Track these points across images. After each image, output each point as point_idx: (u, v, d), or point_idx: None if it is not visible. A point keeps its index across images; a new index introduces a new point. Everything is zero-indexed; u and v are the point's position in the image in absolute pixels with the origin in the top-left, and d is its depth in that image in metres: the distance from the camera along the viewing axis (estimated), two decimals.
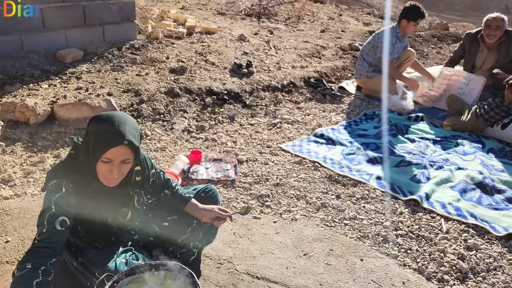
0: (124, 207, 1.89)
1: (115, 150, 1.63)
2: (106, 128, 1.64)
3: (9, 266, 2.14)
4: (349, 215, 2.78)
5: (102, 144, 1.63)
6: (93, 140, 1.66)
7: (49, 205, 1.64)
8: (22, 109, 3.41)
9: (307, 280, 2.18)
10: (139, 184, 1.93)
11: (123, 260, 1.83)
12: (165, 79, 4.47)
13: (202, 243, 2.16)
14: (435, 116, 4.59)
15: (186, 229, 2.09)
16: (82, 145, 1.74)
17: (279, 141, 3.82)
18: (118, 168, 1.69)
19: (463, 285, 2.22)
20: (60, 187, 1.67)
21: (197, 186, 2.26)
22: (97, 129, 1.66)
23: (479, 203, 2.95)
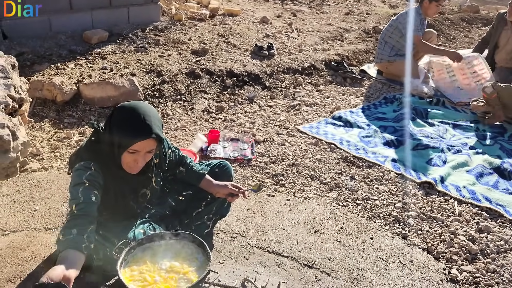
0: (143, 189, 1.98)
1: (142, 143, 1.70)
2: (133, 121, 1.69)
3: (37, 233, 2.29)
4: (362, 196, 2.82)
5: (129, 137, 1.69)
6: (120, 132, 1.71)
7: (81, 181, 1.72)
8: (50, 87, 3.57)
9: (316, 256, 2.25)
10: (157, 166, 2.02)
11: (141, 231, 1.94)
12: (187, 61, 4.55)
13: (216, 217, 2.26)
14: (457, 99, 4.51)
15: (200, 203, 2.19)
16: (105, 134, 1.78)
17: (297, 123, 3.87)
18: (143, 158, 1.77)
19: (471, 265, 2.25)
20: (89, 167, 1.75)
21: (211, 161, 2.34)
22: (124, 122, 1.71)
23: (495, 188, 2.94)
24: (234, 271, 2.10)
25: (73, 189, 1.73)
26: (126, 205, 1.96)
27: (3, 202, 2.52)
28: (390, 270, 2.18)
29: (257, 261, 2.20)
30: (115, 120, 1.74)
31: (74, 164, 1.80)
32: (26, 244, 2.20)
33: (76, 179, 1.75)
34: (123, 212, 1.98)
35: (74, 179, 1.76)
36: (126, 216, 2.00)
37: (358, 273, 2.14)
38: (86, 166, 1.76)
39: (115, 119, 1.75)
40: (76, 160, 1.82)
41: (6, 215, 2.42)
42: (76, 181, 1.74)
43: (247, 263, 2.18)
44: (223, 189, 2.14)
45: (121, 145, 1.72)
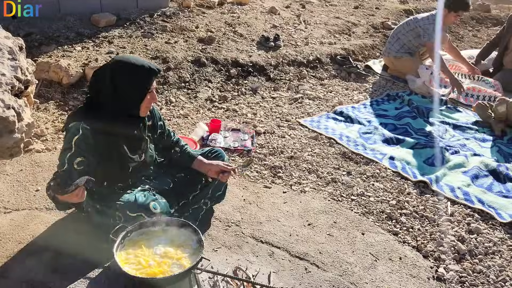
0: (138, 149, 2.10)
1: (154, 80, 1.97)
2: (141, 67, 1.91)
3: (38, 212, 2.36)
4: (357, 192, 2.87)
5: (146, 79, 1.92)
6: (134, 80, 1.90)
7: (69, 145, 1.85)
8: (56, 70, 3.62)
9: (308, 248, 2.31)
10: (149, 129, 2.16)
11: (141, 194, 2.02)
12: (193, 48, 4.58)
13: (211, 202, 2.36)
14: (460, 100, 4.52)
15: (196, 186, 2.30)
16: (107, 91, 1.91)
17: (299, 116, 3.91)
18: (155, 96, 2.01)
19: (459, 265, 2.30)
20: (78, 129, 1.87)
21: (204, 148, 2.43)
22: (134, 70, 1.90)
23: (489, 190, 2.98)
24: (227, 259, 2.17)
25: (62, 153, 1.87)
26: (121, 163, 2.03)
27: (6, 180, 2.59)
28: (379, 265, 2.24)
29: (250, 250, 2.26)
30: (125, 75, 1.90)
31: (68, 124, 1.91)
32: (27, 222, 2.27)
33: (65, 144, 1.88)
34: (121, 175, 2.05)
35: (64, 143, 1.89)
36: (124, 182, 2.09)
37: (347, 267, 2.20)
38: (76, 128, 1.87)
39: (124, 75, 1.90)
40: (70, 120, 1.93)
41: (9, 193, 2.49)
42: (65, 145, 1.88)
43: (240, 252, 2.24)
44: (214, 167, 2.25)
45: (140, 90, 1.93)
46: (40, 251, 2.09)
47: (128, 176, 2.09)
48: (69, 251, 2.05)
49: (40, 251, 2.09)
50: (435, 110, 4.24)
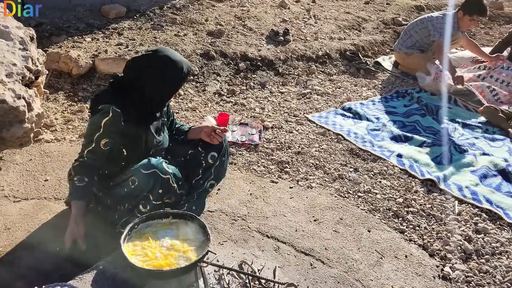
0: (162, 132, 2.17)
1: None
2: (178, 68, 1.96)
3: (47, 202, 2.39)
4: (364, 189, 2.86)
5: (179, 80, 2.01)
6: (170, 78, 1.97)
7: (98, 126, 1.90)
8: (66, 60, 3.63)
9: (313, 244, 2.31)
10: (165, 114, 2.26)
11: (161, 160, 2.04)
12: (202, 41, 4.58)
13: (216, 181, 2.40)
14: (470, 99, 4.47)
15: (197, 170, 2.31)
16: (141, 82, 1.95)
17: (307, 111, 3.90)
18: None
19: (465, 264, 2.29)
20: (108, 111, 1.90)
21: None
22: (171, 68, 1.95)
23: (497, 190, 2.96)
24: (233, 253, 2.18)
25: (89, 132, 1.93)
26: (149, 147, 2.10)
27: (16, 170, 2.62)
28: (384, 263, 2.24)
29: (256, 244, 2.27)
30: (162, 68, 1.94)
31: (96, 106, 1.94)
32: (36, 212, 2.30)
33: (93, 124, 1.92)
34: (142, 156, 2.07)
35: (92, 123, 1.93)
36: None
37: (352, 264, 2.21)
38: (106, 111, 1.90)
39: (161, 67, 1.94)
40: (98, 102, 1.95)
41: (18, 182, 2.51)
42: (94, 126, 1.91)
43: (245, 246, 2.25)
44: (207, 128, 2.27)
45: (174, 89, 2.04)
46: (48, 240, 2.11)
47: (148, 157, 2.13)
48: None
49: (49, 240, 2.11)
50: (445, 108, 4.20)
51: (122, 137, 1.97)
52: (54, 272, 1.90)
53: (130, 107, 1.96)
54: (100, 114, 1.91)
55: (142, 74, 1.96)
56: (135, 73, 1.97)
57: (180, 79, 2.02)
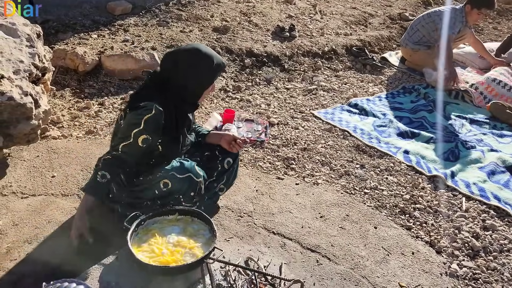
0: (191, 131, 2.23)
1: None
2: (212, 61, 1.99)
3: (54, 198, 2.40)
4: (370, 185, 2.85)
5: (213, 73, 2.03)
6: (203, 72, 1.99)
7: (139, 122, 1.88)
8: (72, 57, 3.64)
9: (319, 240, 2.31)
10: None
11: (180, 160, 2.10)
12: (208, 37, 4.57)
13: (226, 186, 2.41)
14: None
15: (212, 172, 2.32)
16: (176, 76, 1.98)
17: (313, 108, 3.88)
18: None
19: (473, 261, 2.28)
20: (151, 109, 1.89)
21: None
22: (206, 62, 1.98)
23: (506, 186, 2.93)
24: (239, 249, 2.18)
25: (128, 127, 1.90)
26: (182, 146, 2.13)
27: (23, 166, 2.63)
28: (391, 260, 2.23)
29: (262, 241, 2.27)
30: (198, 66, 1.97)
31: (137, 102, 1.93)
32: (44, 208, 2.31)
33: (133, 120, 1.89)
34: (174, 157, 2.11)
35: (133, 117, 1.90)
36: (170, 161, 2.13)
37: (359, 260, 2.20)
38: (149, 108, 1.89)
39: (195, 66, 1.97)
40: (139, 99, 1.95)
41: (25, 179, 2.53)
42: (134, 121, 1.89)
43: (252, 242, 2.25)
44: (227, 136, 2.30)
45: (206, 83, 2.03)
46: (56, 236, 2.13)
47: (178, 156, 2.16)
48: None
49: (56, 236, 2.13)
50: (452, 103, 4.17)
51: (160, 135, 1.97)
52: (61, 267, 1.91)
53: (171, 106, 1.97)
54: (143, 110, 1.89)
55: (179, 69, 1.98)
56: (173, 68, 1.99)
57: (214, 73, 2.04)
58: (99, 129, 3.12)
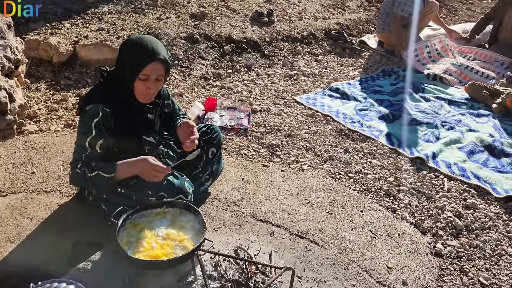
0: (153, 131, 2.08)
1: (151, 66, 1.80)
2: (141, 47, 1.80)
3: (35, 195, 2.34)
4: (355, 169, 2.88)
5: (140, 61, 1.80)
6: (130, 59, 1.82)
7: (90, 129, 1.82)
8: (46, 48, 3.52)
9: (307, 226, 2.32)
10: (160, 107, 2.12)
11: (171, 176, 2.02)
12: (185, 24, 4.48)
13: (212, 176, 2.42)
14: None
15: (197, 164, 2.30)
16: (116, 70, 1.90)
17: (294, 93, 3.87)
18: (154, 85, 1.87)
19: (456, 240, 2.34)
20: (97, 111, 1.83)
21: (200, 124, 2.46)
22: (134, 49, 1.82)
23: (484, 165, 3.01)
24: (228, 239, 2.17)
25: (81, 137, 1.85)
26: (140, 147, 2.02)
27: (1, 163, 2.54)
28: (378, 242, 2.27)
29: (250, 229, 2.27)
30: (124, 52, 1.86)
31: (85, 106, 1.86)
32: (25, 205, 2.25)
33: (84, 126, 1.84)
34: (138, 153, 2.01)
35: (83, 125, 1.85)
36: None
37: (347, 245, 2.23)
38: (95, 111, 1.83)
39: (124, 52, 1.86)
40: (87, 102, 1.88)
41: (4, 176, 2.45)
42: (85, 129, 1.84)
43: (240, 231, 2.25)
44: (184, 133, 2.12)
45: (133, 72, 1.81)
46: (40, 234, 2.07)
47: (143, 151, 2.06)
48: (70, 233, 2.04)
49: (40, 234, 2.07)
50: (430, 85, 4.23)
51: (113, 137, 1.90)
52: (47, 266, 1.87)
53: (120, 104, 1.89)
54: (89, 115, 1.82)
55: (120, 59, 1.89)
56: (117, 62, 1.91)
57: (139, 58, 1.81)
58: (77, 121, 3.03)
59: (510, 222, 2.49)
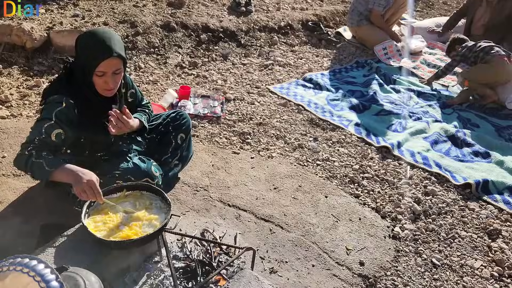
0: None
1: (106, 62, 1.80)
2: (95, 44, 1.79)
3: (5, 179, 2.37)
4: (323, 157, 2.97)
5: (94, 59, 1.79)
6: (85, 56, 1.83)
7: (50, 116, 1.81)
8: (19, 33, 3.50)
9: (273, 210, 2.42)
10: (125, 97, 2.15)
11: (137, 160, 2.09)
12: (162, 12, 4.49)
13: (181, 161, 2.48)
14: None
15: (167, 149, 2.38)
16: (75, 62, 1.90)
17: (269, 83, 3.94)
18: (113, 79, 1.87)
19: (414, 224, 2.46)
20: (61, 101, 1.84)
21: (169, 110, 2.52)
22: (87, 45, 1.81)
23: (447, 155, 3.14)
24: (195, 222, 2.25)
25: (39, 122, 1.82)
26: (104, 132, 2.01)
27: None
28: (340, 226, 2.37)
29: (218, 213, 2.35)
30: (79, 47, 1.85)
31: (48, 96, 1.87)
32: None
33: (45, 113, 1.83)
34: (104, 143, 2.06)
35: (44, 112, 1.84)
36: (107, 149, 2.10)
37: (310, 228, 2.33)
38: (59, 101, 1.83)
39: (79, 46, 1.85)
40: (50, 92, 1.88)
41: None
42: (44, 115, 1.83)
43: (207, 215, 2.32)
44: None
45: (89, 68, 1.82)
46: (9, 216, 2.11)
47: (111, 145, 2.11)
48: (38, 216, 2.08)
49: (9, 216, 2.11)
50: (402, 77, 4.36)
51: (74, 128, 1.90)
52: (14, 247, 1.91)
53: (83, 96, 1.90)
54: (52, 104, 1.83)
55: (76, 52, 1.88)
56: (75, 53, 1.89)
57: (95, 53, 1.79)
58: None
59: (465, 207, 2.63)
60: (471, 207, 2.63)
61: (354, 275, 2.08)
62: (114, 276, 1.81)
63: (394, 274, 2.12)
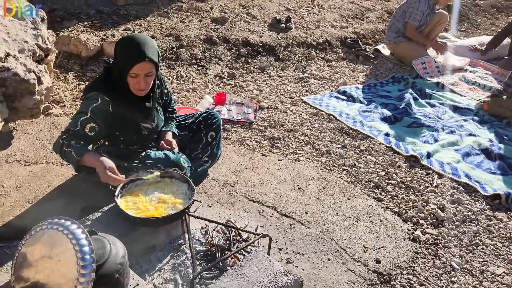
0: (150, 117, 2.31)
1: (139, 66, 2.03)
2: (131, 48, 2.03)
3: (54, 166, 2.64)
4: (349, 163, 3.04)
5: (128, 61, 2.04)
6: (121, 59, 2.07)
7: (86, 110, 2.07)
8: (76, 43, 3.88)
9: (295, 208, 2.51)
10: (159, 96, 2.37)
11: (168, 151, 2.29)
12: (206, 28, 4.78)
13: (211, 158, 2.64)
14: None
15: (198, 145, 2.58)
16: (114, 63, 2.16)
17: (303, 94, 4.07)
18: (144, 81, 2.10)
19: (436, 229, 2.46)
20: (97, 98, 2.09)
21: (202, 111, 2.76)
22: (124, 49, 2.06)
23: (478, 167, 3.10)
24: (220, 213, 2.39)
25: (77, 115, 2.09)
26: (137, 128, 2.25)
27: (27, 139, 2.86)
28: (359, 226, 2.42)
29: (242, 207, 2.47)
30: (117, 50, 2.10)
31: (88, 93, 2.13)
32: (44, 174, 2.54)
33: (82, 107, 2.10)
34: (137, 138, 2.27)
35: (82, 106, 2.11)
36: (140, 143, 2.32)
37: (329, 225, 2.39)
38: (95, 97, 2.08)
39: (117, 49, 2.10)
40: (89, 89, 2.15)
41: (29, 149, 2.76)
42: (82, 109, 2.09)
43: (232, 208, 2.46)
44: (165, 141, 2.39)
45: (124, 70, 2.06)
46: (54, 198, 2.35)
47: (144, 139, 2.34)
48: (79, 199, 2.31)
49: (55, 198, 2.35)
50: (439, 92, 4.34)
51: (108, 124, 2.13)
52: None
53: (119, 94, 2.12)
54: (90, 100, 2.08)
55: (115, 55, 2.12)
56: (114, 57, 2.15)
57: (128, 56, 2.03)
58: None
59: (493, 217, 2.59)
60: (499, 217, 2.59)
61: (369, 271, 2.12)
62: (141, 252, 1.99)
63: (410, 274, 2.14)
